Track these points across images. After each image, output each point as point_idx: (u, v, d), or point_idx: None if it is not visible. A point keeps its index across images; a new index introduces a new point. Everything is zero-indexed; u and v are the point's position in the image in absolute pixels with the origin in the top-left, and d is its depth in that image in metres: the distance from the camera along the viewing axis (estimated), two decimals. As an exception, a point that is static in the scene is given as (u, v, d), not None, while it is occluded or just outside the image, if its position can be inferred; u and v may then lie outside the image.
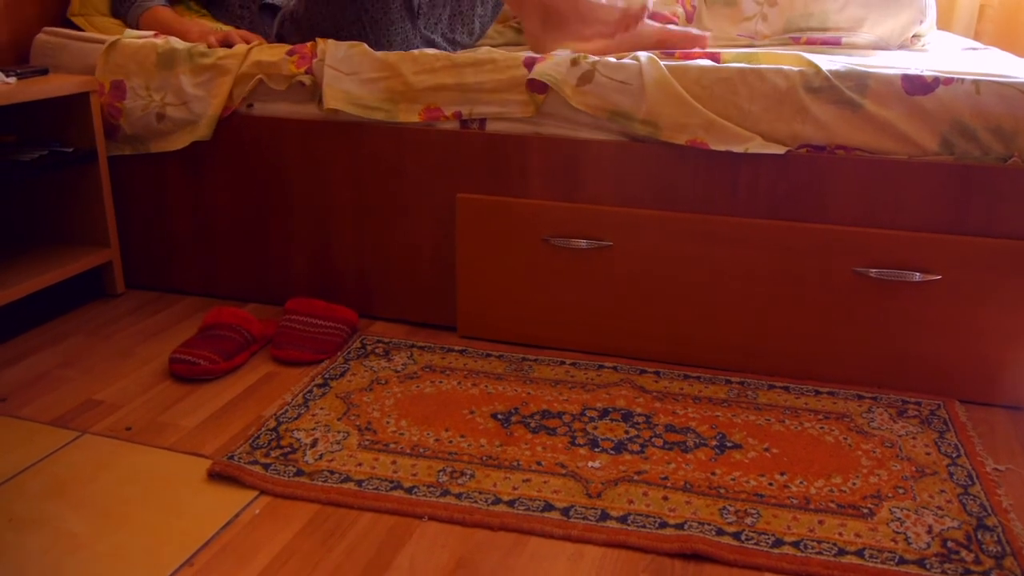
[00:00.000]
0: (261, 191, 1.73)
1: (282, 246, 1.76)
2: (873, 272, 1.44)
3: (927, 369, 1.47)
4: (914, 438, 1.33)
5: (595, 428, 1.34)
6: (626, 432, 1.32)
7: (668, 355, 1.58)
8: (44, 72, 1.70)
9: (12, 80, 1.59)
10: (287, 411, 1.37)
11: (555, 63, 1.54)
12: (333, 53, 1.62)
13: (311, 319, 1.62)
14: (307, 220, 1.73)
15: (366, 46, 1.62)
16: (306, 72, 1.64)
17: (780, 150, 1.47)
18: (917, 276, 1.43)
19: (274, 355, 1.56)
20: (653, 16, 1.97)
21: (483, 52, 1.61)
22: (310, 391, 1.44)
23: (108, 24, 1.90)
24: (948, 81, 1.40)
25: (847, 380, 1.51)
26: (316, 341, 1.58)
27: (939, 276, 1.42)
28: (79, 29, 1.88)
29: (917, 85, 1.41)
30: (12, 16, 1.81)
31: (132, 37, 1.76)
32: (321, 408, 1.38)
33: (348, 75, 1.62)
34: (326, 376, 1.49)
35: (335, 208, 1.71)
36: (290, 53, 1.65)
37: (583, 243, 1.56)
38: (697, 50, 1.65)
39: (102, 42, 1.77)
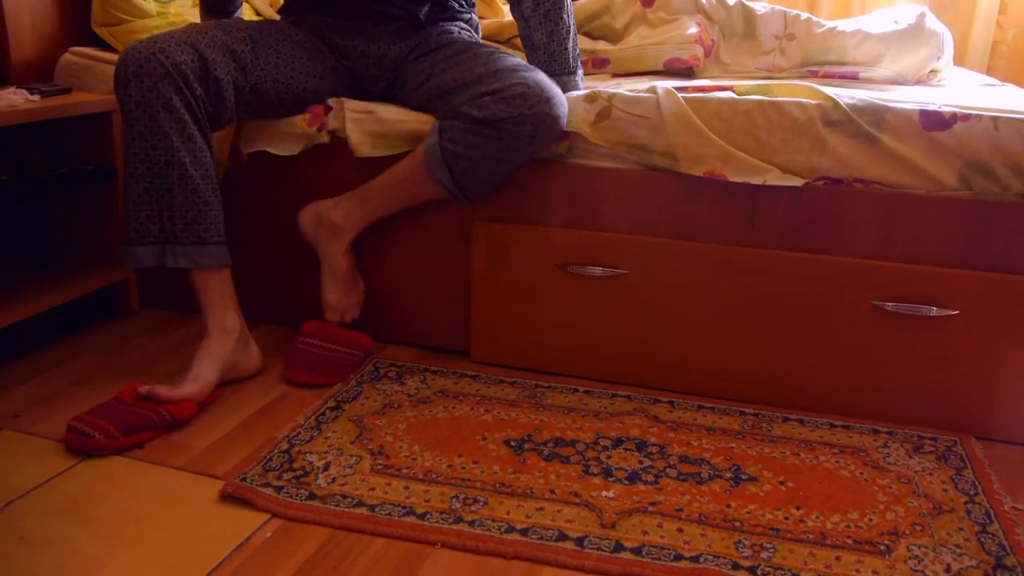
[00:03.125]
0: (276, 214, 1.74)
1: (297, 269, 1.76)
2: (890, 306, 1.44)
3: (943, 404, 1.46)
4: (931, 474, 1.32)
5: (609, 457, 1.33)
6: (640, 462, 1.32)
7: (682, 385, 1.57)
8: (67, 91, 1.72)
9: (36, 98, 1.61)
10: (299, 433, 1.37)
11: (570, 107, 1.55)
12: (351, 103, 1.64)
13: (326, 343, 1.61)
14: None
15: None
16: (319, 129, 1.65)
17: (798, 182, 1.47)
18: (934, 311, 1.42)
19: (287, 377, 1.55)
20: (672, 61, 1.98)
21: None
22: (323, 413, 1.44)
23: (130, 34, 1.90)
24: (966, 117, 1.41)
25: (862, 414, 1.50)
26: (330, 365, 1.57)
27: (956, 311, 1.41)
28: (103, 41, 1.90)
29: (935, 121, 1.42)
30: (37, 32, 1.83)
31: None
32: (334, 431, 1.38)
33: (368, 115, 1.63)
34: (339, 399, 1.49)
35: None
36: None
37: (598, 271, 1.56)
38: (710, 83, 1.66)
39: (126, 63, 1.79)
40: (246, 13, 2.05)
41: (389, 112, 1.63)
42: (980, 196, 1.41)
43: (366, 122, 1.63)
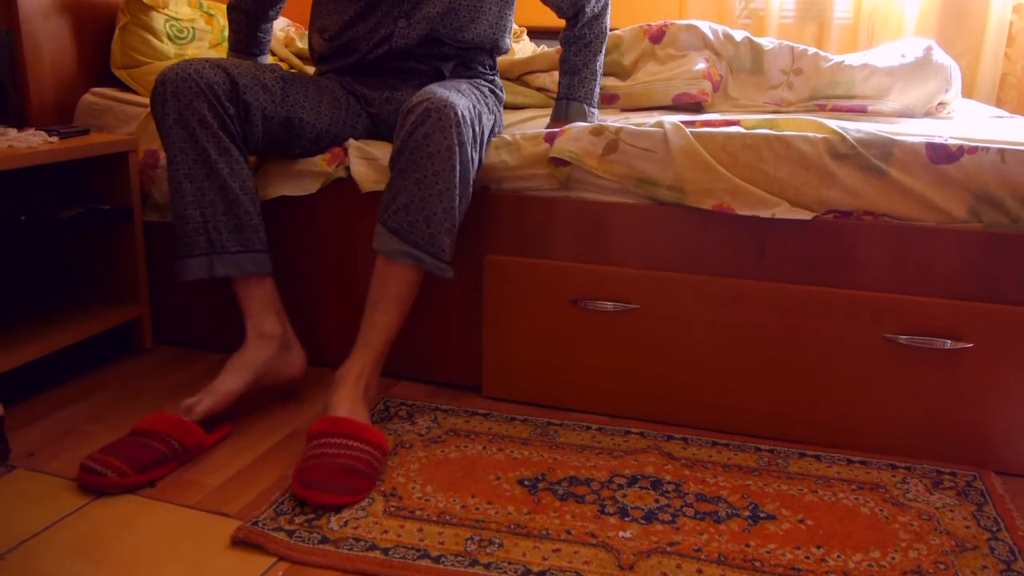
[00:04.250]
0: (288, 253, 1.75)
1: (309, 305, 1.77)
2: (903, 339, 1.43)
3: (961, 438, 1.44)
4: (952, 511, 1.30)
5: (624, 496, 1.32)
6: (656, 501, 1.30)
7: (695, 420, 1.56)
8: (85, 132, 1.75)
9: (54, 140, 1.63)
10: (312, 472, 1.36)
11: (574, 137, 1.57)
12: (358, 146, 1.67)
13: (340, 439, 1.35)
14: (334, 279, 1.75)
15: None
16: (337, 167, 1.67)
17: (807, 215, 1.47)
18: (948, 344, 1.41)
19: (301, 495, 1.27)
20: (681, 96, 2.00)
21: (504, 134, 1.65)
22: (335, 452, 1.43)
23: (149, 75, 1.93)
24: (973, 150, 1.41)
25: (879, 449, 1.48)
26: (347, 474, 1.30)
27: (971, 344, 1.40)
28: (122, 84, 1.94)
29: (942, 154, 1.42)
30: (57, 75, 1.86)
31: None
32: (346, 469, 1.37)
33: (371, 160, 1.65)
34: (351, 437, 1.48)
35: (363, 267, 1.72)
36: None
37: (609, 305, 1.56)
38: (717, 117, 1.68)
39: (145, 105, 1.82)
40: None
41: (386, 153, 1.65)
42: (990, 228, 1.41)
43: (369, 165, 1.65)
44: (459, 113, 1.42)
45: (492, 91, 1.78)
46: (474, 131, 1.48)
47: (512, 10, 1.77)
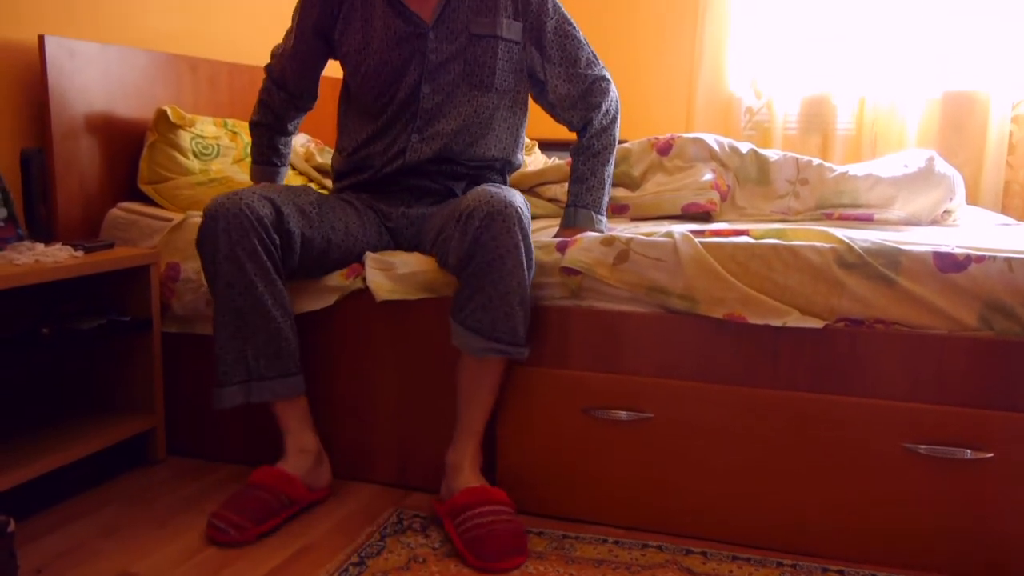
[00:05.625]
0: (305, 365, 1.76)
1: (322, 415, 1.77)
2: (923, 448, 1.41)
3: (985, 549, 1.40)
4: (981, 630, 1.25)
5: (640, 613, 1.28)
6: (673, 618, 1.27)
7: (714, 532, 1.53)
8: (110, 246, 1.80)
9: (80, 254, 1.68)
10: (322, 588, 1.34)
11: (585, 247, 1.60)
12: (373, 257, 1.71)
13: (491, 507, 1.48)
14: (348, 389, 1.76)
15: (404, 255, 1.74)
16: (354, 279, 1.71)
17: (818, 324, 1.48)
18: (968, 453, 1.39)
19: (483, 567, 1.40)
20: (690, 206, 2.05)
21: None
22: (345, 570, 1.41)
23: (174, 190, 2.00)
24: (980, 259, 1.43)
25: (903, 563, 1.44)
26: (517, 536, 1.45)
27: (991, 454, 1.38)
28: (146, 197, 2.00)
29: (949, 262, 1.44)
30: (85, 191, 1.93)
31: (198, 217, 1.86)
32: (357, 586, 1.35)
33: (386, 270, 1.69)
34: (362, 554, 1.46)
35: (376, 377, 1.73)
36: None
37: (623, 415, 1.56)
38: (725, 226, 1.71)
39: (170, 220, 1.88)
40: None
41: (407, 265, 1.69)
42: (1003, 336, 1.41)
43: (385, 276, 1.69)
44: (519, 210, 1.51)
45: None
46: (528, 219, 1.56)
47: (524, 127, 1.85)
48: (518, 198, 1.56)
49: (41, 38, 1.78)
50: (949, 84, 2.75)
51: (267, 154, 1.94)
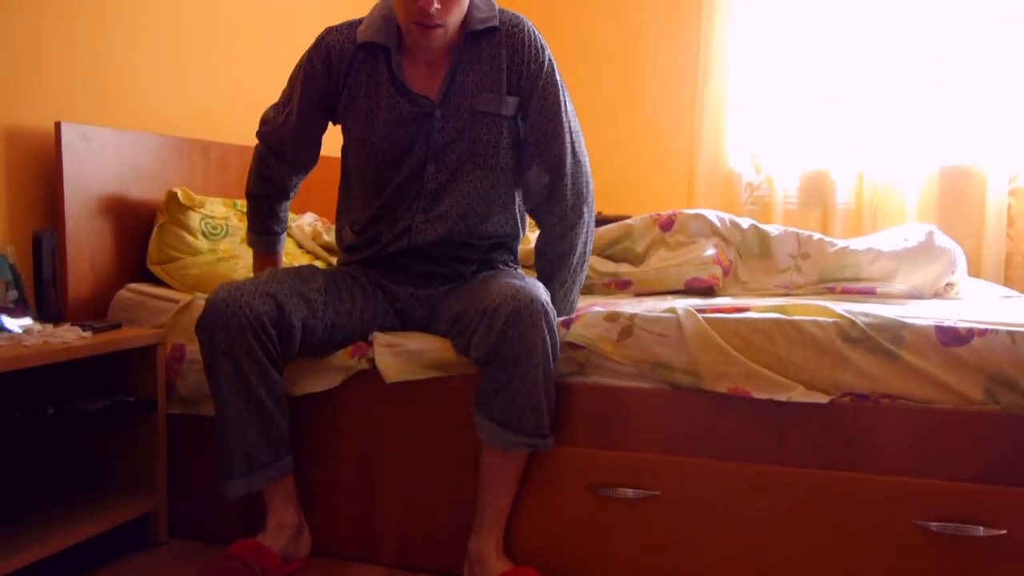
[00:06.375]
0: (306, 442, 1.76)
1: (325, 497, 1.75)
2: (934, 526, 1.39)
3: (1007, 635, 1.37)
4: None
5: None
6: None
7: (724, 615, 1.50)
8: (117, 326, 1.82)
9: (88, 334, 1.70)
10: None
11: (589, 323, 1.61)
12: (382, 336, 1.71)
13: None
14: (351, 469, 1.74)
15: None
16: (360, 359, 1.71)
17: (823, 399, 1.47)
18: (980, 530, 1.37)
19: None
20: (692, 281, 2.07)
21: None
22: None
23: (183, 270, 2.02)
24: (983, 332, 1.43)
25: (920, 646, 1.40)
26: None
27: (1004, 531, 1.36)
28: (158, 279, 2.03)
29: (952, 336, 1.44)
30: (95, 272, 1.96)
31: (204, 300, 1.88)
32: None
33: (395, 348, 1.69)
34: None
35: (382, 460, 1.72)
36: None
37: (630, 493, 1.54)
38: (728, 302, 1.72)
39: (176, 301, 1.90)
40: (289, 245, 2.20)
41: (415, 343, 1.69)
42: (1009, 410, 1.40)
43: (394, 354, 1.69)
44: (544, 304, 1.52)
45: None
46: (553, 313, 1.56)
47: (516, 203, 1.81)
48: (542, 291, 1.57)
49: (57, 124, 1.84)
50: (946, 159, 2.80)
51: (268, 223, 1.92)
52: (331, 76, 1.72)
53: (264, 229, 1.93)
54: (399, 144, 1.70)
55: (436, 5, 1.54)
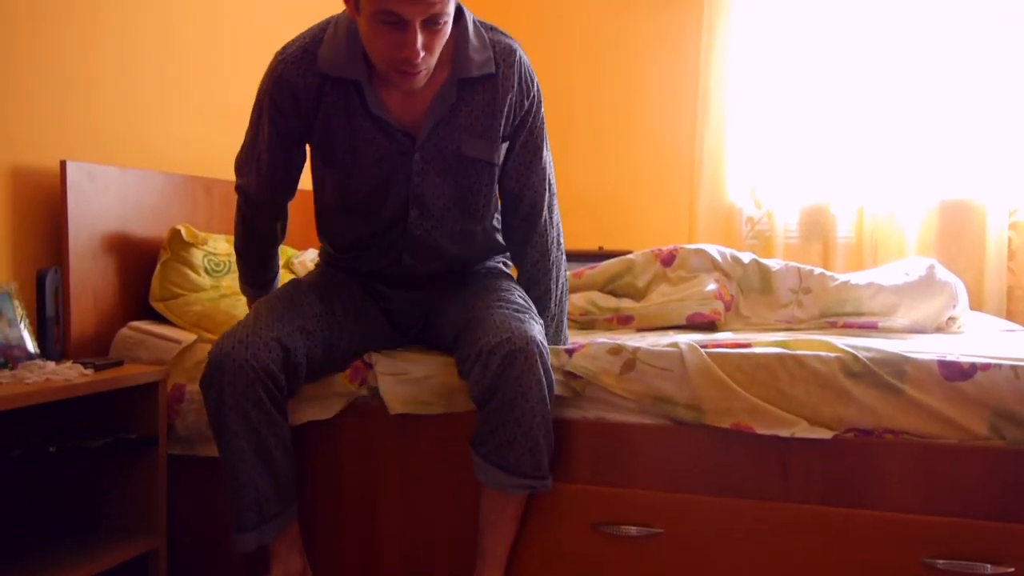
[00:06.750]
0: (308, 476, 1.74)
1: (328, 536, 1.74)
2: (941, 563, 1.38)
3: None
4: None
5: None
6: None
7: (730, 655, 1.47)
8: (119, 363, 1.82)
9: (89, 372, 1.70)
10: None
11: (592, 355, 1.61)
12: (385, 362, 1.71)
13: None
14: (353, 506, 1.72)
15: (410, 354, 1.73)
16: (360, 385, 1.72)
17: (827, 434, 1.47)
18: (989, 568, 1.36)
19: None
20: (694, 316, 2.07)
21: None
22: None
23: (185, 306, 2.03)
24: (986, 367, 1.43)
25: None
26: None
27: (1012, 569, 1.35)
28: (160, 316, 2.03)
29: (955, 371, 1.44)
30: (99, 309, 1.97)
31: (208, 340, 1.88)
32: None
33: (399, 376, 1.69)
34: None
35: (384, 495, 1.70)
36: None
37: (633, 531, 1.53)
38: (730, 337, 1.72)
39: (177, 339, 1.90)
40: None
41: (419, 369, 1.68)
42: (1014, 445, 1.40)
43: (398, 382, 1.68)
44: (539, 345, 1.50)
45: (506, 268, 1.84)
46: (548, 351, 1.55)
47: (494, 200, 1.74)
48: (537, 330, 1.55)
49: (63, 163, 1.86)
50: (945, 193, 2.81)
51: (261, 277, 1.84)
52: (300, 114, 1.58)
53: (260, 282, 1.85)
54: (379, 182, 1.61)
55: (421, 53, 1.41)
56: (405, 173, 1.60)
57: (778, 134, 3.05)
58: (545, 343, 1.54)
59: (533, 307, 1.68)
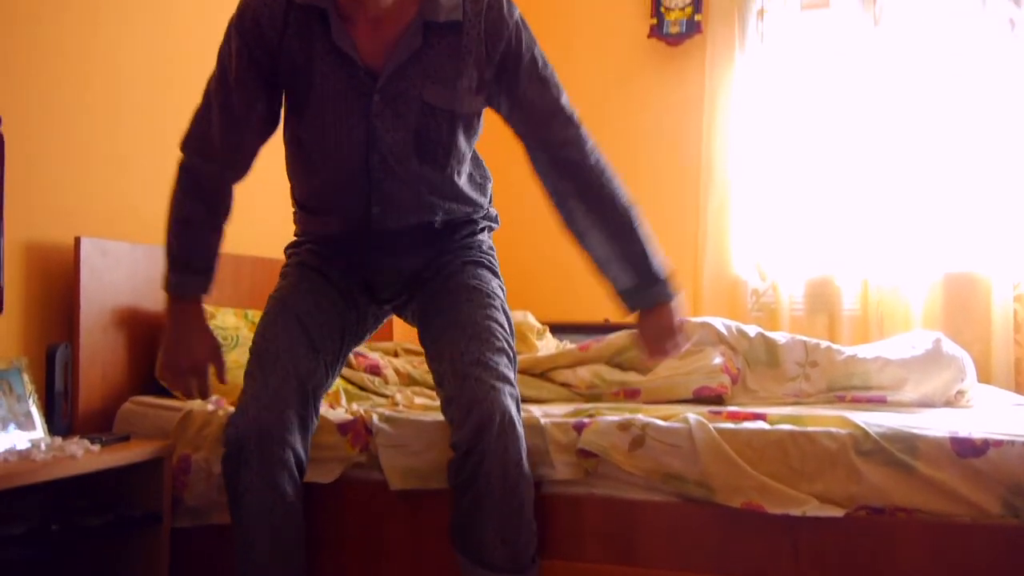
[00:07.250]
0: (312, 551, 1.72)
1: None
2: (961, 648, 1.34)
3: None
4: None
5: None
6: None
7: None
8: (126, 439, 1.81)
9: (96, 448, 1.69)
10: None
11: (602, 431, 1.60)
12: (385, 432, 1.69)
13: None
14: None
15: (411, 415, 1.71)
16: (361, 451, 1.70)
17: (838, 512, 1.45)
18: (1010, 653, 1.32)
19: None
20: (701, 390, 2.06)
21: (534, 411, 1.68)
22: None
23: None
24: (999, 443, 1.42)
25: None
26: None
27: (1034, 653, 1.31)
28: (165, 390, 2.03)
29: (967, 447, 1.43)
30: (107, 383, 1.97)
31: (202, 406, 1.87)
32: None
33: (400, 448, 1.68)
34: None
35: (390, 568, 1.68)
36: (343, 431, 1.71)
37: (643, 612, 1.50)
38: (741, 409, 1.71)
39: (178, 409, 1.89)
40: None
41: (419, 442, 1.66)
42: (1030, 524, 1.38)
43: (399, 455, 1.67)
44: (512, 417, 1.45)
45: (492, 259, 1.74)
46: (519, 401, 1.51)
47: (473, 143, 1.64)
48: (508, 397, 1.47)
49: (77, 240, 1.89)
50: (949, 266, 2.83)
51: (195, 253, 1.62)
52: (264, 43, 1.48)
53: (194, 264, 1.61)
54: (337, 119, 1.51)
55: None
56: (364, 114, 1.50)
57: (782, 206, 3.09)
58: (514, 413, 1.47)
59: (513, 331, 1.61)
